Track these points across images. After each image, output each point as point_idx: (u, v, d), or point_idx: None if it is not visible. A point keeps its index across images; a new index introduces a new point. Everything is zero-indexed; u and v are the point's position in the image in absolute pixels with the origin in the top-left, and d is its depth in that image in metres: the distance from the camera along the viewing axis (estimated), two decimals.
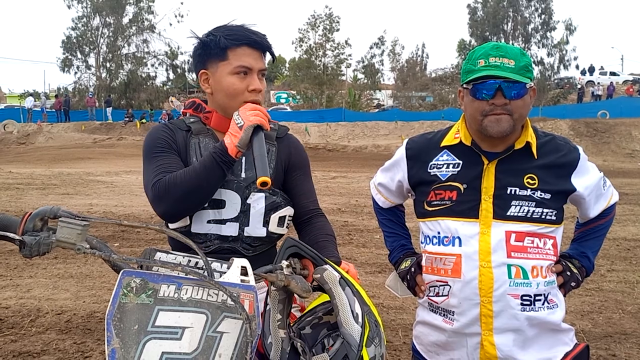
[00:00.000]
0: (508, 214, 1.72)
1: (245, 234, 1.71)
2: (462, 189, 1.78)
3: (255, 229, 1.71)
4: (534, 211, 1.72)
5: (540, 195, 1.73)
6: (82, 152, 24.42)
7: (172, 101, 37.82)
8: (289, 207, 1.78)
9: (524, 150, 1.77)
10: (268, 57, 1.79)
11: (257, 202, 1.71)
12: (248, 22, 1.73)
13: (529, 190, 1.73)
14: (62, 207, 1.12)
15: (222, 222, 1.68)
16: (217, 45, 1.67)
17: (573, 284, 1.84)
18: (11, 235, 1.08)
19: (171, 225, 1.70)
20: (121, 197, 11.04)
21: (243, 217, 1.70)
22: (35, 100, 38.42)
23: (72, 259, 6.05)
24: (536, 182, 1.74)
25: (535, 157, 1.76)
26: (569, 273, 1.83)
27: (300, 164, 1.85)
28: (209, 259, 1.16)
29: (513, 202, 1.73)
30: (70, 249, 1.07)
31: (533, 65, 1.82)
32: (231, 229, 1.69)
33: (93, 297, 4.85)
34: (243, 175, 1.71)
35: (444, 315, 1.81)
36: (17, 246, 1.09)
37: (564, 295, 1.84)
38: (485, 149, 1.78)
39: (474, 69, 1.70)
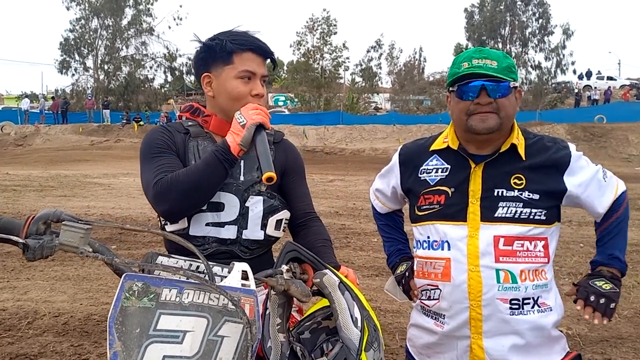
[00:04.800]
0: (495, 215, 1.73)
1: (244, 237, 1.72)
2: (449, 192, 1.80)
3: (254, 232, 1.73)
4: (521, 212, 1.73)
5: (529, 195, 1.74)
6: (79, 154, 24.38)
7: (171, 103, 37.91)
8: (285, 210, 1.80)
9: (511, 152, 1.78)
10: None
11: (256, 205, 1.73)
12: (252, 28, 1.77)
13: (516, 191, 1.74)
14: (65, 210, 1.13)
15: (221, 225, 1.69)
16: (222, 49, 1.70)
17: (613, 305, 1.74)
18: (15, 238, 1.09)
19: (169, 227, 1.70)
20: (119, 200, 11.03)
21: (241, 220, 1.71)
22: (31, 102, 38.33)
23: (70, 262, 6.04)
24: (524, 182, 1.75)
25: (523, 158, 1.77)
26: (602, 301, 1.74)
27: (296, 168, 1.88)
28: (210, 263, 1.17)
29: (500, 204, 1.74)
30: (73, 252, 1.08)
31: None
32: (230, 232, 1.70)
33: (90, 300, 4.85)
34: (242, 178, 1.73)
35: (435, 318, 1.83)
36: (21, 249, 1.10)
37: (609, 320, 1.75)
38: (472, 152, 1.80)
39: (458, 71, 1.73)
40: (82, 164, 20.86)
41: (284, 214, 1.79)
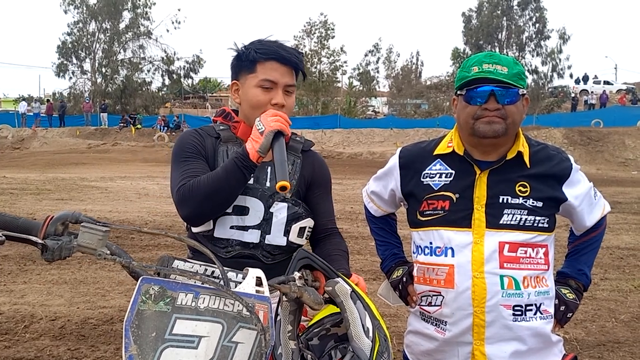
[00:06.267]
0: (501, 222, 1.74)
1: (266, 242, 1.74)
2: (454, 198, 1.79)
3: (276, 238, 1.74)
4: (526, 219, 1.74)
5: (532, 203, 1.75)
6: (76, 157, 24.30)
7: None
8: (309, 218, 1.80)
9: (516, 160, 1.79)
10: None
11: (280, 211, 1.74)
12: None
13: (520, 198, 1.75)
14: (83, 212, 1.14)
15: (245, 228, 1.72)
16: (247, 58, 1.73)
17: (570, 314, 1.85)
18: (34, 238, 1.10)
19: (194, 229, 1.73)
20: (115, 203, 10.99)
21: (265, 225, 1.73)
22: (29, 105, 38.26)
23: (66, 265, 6.02)
24: (528, 189, 1.76)
25: (528, 165, 1.78)
26: (562, 308, 1.84)
27: (322, 182, 1.89)
28: (225, 268, 1.18)
29: (505, 211, 1.75)
30: (90, 254, 1.09)
31: (527, 74, 1.85)
32: (253, 236, 1.72)
33: (87, 303, 4.83)
34: (268, 184, 1.75)
35: (436, 324, 1.82)
36: (39, 250, 1.10)
37: (562, 327, 1.85)
38: (478, 158, 1.80)
39: (468, 75, 1.73)
40: (79, 167, 20.79)
41: (308, 222, 1.80)
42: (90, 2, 42.76)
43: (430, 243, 1.82)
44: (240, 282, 1.17)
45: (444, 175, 1.83)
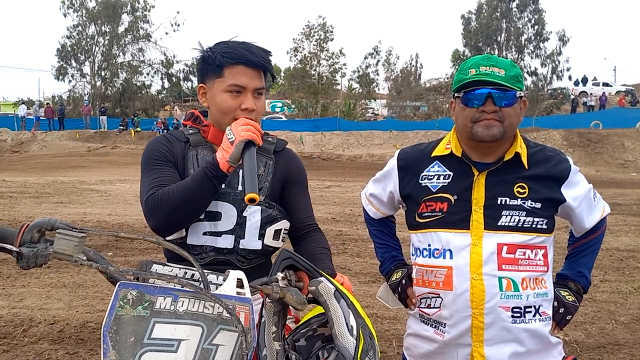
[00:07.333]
0: (499, 224, 1.73)
1: (241, 247, 1.71)
2: (452, 200, 1.79)
3: (251, 242, 1.72)
4: (524, 220, 1.73)
5: (531, 204, 1.74)
6: (76, 160, 24.32)
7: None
8: (284, 220, 1.79)
9: (514, 161, 1.78)
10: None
11: (253, 215, 1.72)
12: (249, 36, 1.74)
13: (519, 199, 1.74)
14: (59, 218, 1.13)
15: (218, 234, 1.69)
16: (213, 62, 1.69)
17: (569, 317, 1.84)
18: (9, 246, 1.09)
19: (168, 237, 1.69)
20: (115, 206, 11.00)
21: (239, 230, 1.70)
22: (28, 109, 38.31)
23: (65, 269, 6.02)
24: (526, 191, 1.75)
25: (526, 167, 1.78)
26: (561, 310, 1.83)
27: (298, 180, 1.87)
28: (205, 271, 1.17)
29: (504, 212, 1.74)
30: (67, 260, 1.08)
31: (526, 76, 1.84)
32: (227, 242, 1.69)
33: (86, 307, 4.82)
34: (240, 188, 1.71)
35: (435, 326, 1.82)
36: (15, 257, 1.09)
37: (561, 329, 1.84)
38: (476, 160, 1.79)
39: (465, 77, 1.73)
40: (78, 170, 20.82)
41: (283, 224, 1.78)
42: (90, 6, 43.00)
43: (429, 245, 1.82)
44: (221, 285, 1.16)
45: (442, 177, 1.83)
